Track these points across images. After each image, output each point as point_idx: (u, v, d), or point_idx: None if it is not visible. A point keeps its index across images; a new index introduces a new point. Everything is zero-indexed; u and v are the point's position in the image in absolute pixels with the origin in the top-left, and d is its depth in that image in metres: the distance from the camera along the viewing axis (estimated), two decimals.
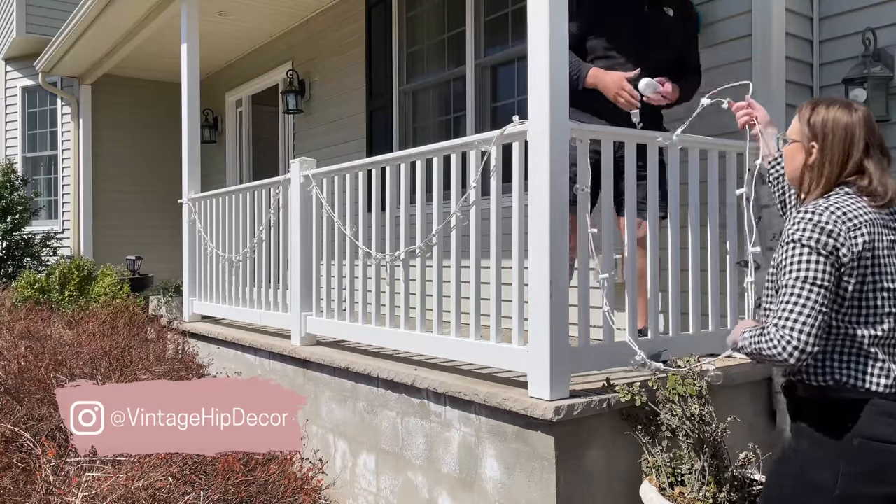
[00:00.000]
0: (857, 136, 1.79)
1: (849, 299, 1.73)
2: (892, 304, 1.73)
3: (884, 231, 1.75)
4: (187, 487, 2.75)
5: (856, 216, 1.73)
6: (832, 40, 3.58)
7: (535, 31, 2.61)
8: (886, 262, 1.73)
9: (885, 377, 1.70)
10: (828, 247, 1.70)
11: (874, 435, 1.67)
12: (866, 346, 1.72)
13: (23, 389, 3.85)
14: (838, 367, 1.73)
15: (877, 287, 1.72)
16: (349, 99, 6.78)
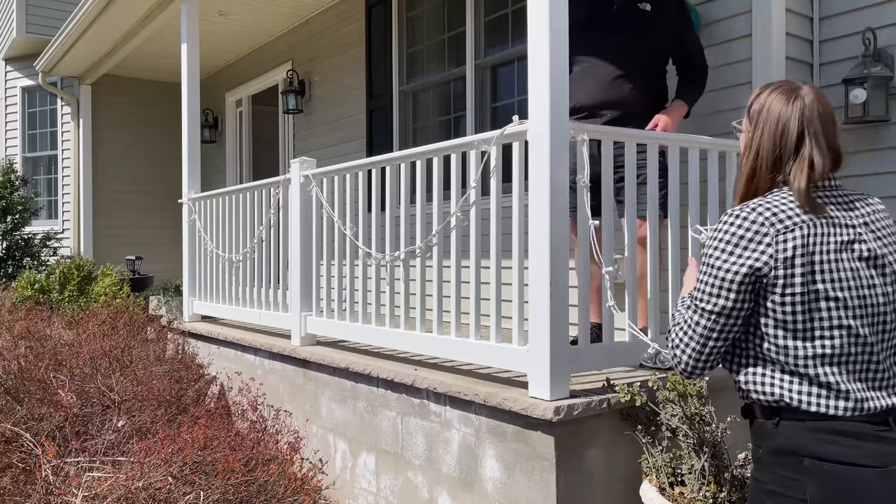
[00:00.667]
0: (792, 126, 1.59)
1: (785, 312, 1.52)
2: (843, 314, 1.50)
3: (832, 231, 1.53)
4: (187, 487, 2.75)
5: (788, 216, 1.53)
6: (832, 40, 3.58)
7: (535, 30, 2.61)
8: (833, 268, 1.51)
9: (824, 398, 1.52)
10: (744, 251, 1.54)
11: (821, 454, 1.50)
12: (808, 365, 1.52)
13: (23, 389, 3.85)
14: (778, 386, 1.55)
15: (820, 297, 1.50)
16: (349, 99, 6.78)
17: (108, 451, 3.22)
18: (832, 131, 1.62)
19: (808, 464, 1.50)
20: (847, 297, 1.50)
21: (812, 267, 1.50)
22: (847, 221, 1.55)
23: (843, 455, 1.49)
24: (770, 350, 1.56)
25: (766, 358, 1.57)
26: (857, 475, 1.47)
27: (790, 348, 1.53)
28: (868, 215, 1.59)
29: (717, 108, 3.57)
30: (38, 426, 3.45)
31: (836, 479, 1.48)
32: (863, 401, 1.51)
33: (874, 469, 1.47)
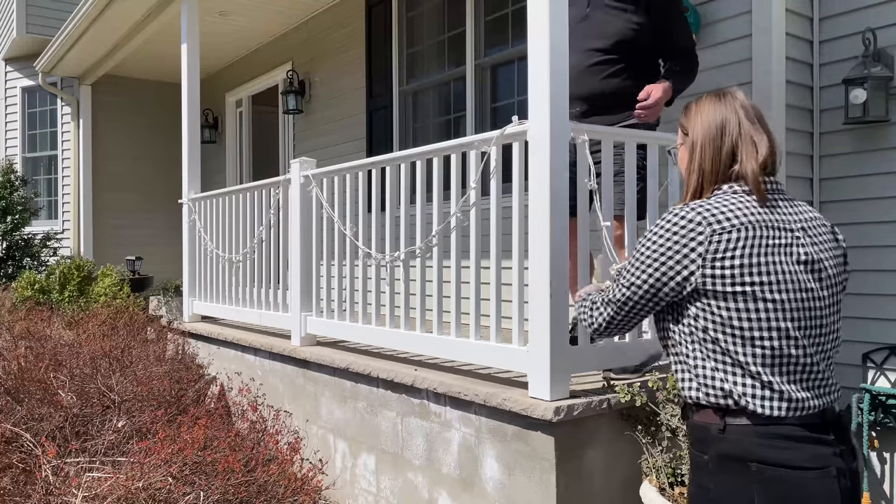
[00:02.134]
0: (732, 120, 1.63)
1: (725, 309, 1.55)
2: (777, 317, 1.52)
3: (772, 233, 1.55)
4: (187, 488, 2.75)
5: (726, 217, 1.55)
6: (832, 40, 3.58)
7: (536, 30, 2.61)
8: (771, 270, 1.52)
9: (768, 399, 1.53)
10: (672, 250, 1.58)
11: (767, 459, 1.52)
12: (749, 365, 1.54)
13: (23, 390, 3.85)
14: (720, 389, 1.57)
15: (756, 297, 1.52)
16: (349, 99, 6.78)
17: (108, 452, 3.22)
18: (767, 126, 1.66)
19: (754, 468, 1.51)
20: (784, 300, 1.53)
21: (749, 269, 1.52)
22: (787, 225, 1.57)
23: (785, 458, 1.51)
24: (715, 349, 1.58)
25: (712, 357, 1.58)
26: (800, 478, 1.49)
27: (730, 349, 1.55)
28: (806, 221, 1.61)
29: None
30: (38, 426, 3.45)
31: (781, 483, 1.50)
32: (800, 401, 1.53)
33: (814, 471, 1.50)
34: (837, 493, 1.50)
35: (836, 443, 1.55)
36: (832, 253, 1.61)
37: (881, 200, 3.41)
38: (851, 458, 1.57)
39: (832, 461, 1.52)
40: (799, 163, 3.58)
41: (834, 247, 1.64)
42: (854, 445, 1.61)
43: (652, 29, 3.11)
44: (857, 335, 3.49)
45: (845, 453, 1.55)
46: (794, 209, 1.62)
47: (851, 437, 1.62)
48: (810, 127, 3.63)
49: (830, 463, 1.51)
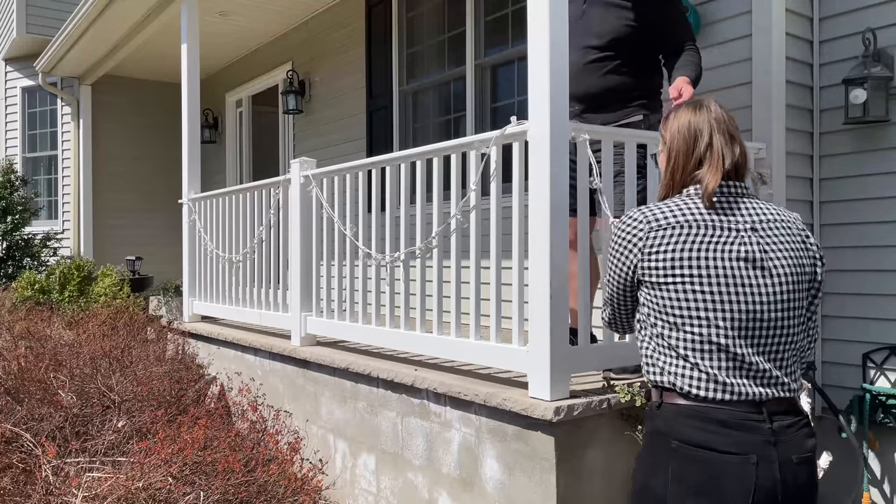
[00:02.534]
0: (701, 135, 1.74)
1: (659, 297, 1.69)
2: (704, 307, 1.63)
3: (711, 232, 1.66)
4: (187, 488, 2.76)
5: (664, 216, 1.69)
6: (832, 40, 3.58)
7: (535, 30, 2.61)
8: (703, 265, 1.64)
9: (696, 380, 1.63)
10: (623, 245, 1.75)
11: (689, 438, 1.61)
12: (678, 347, 1.66)
13: (23, 390, 3.85)
14: (658, 364, 1.71)
15: (688, 287, 1.64)
16: (349, 99, 6.78)
17: (109, 452, 3.22)
18: (738, 137, 1.78)
19: (675, 445, 1.63)
20: (714, 292, 1.63)
21: (681, 262, 1.66)
22: (733, 225, 1.68)
23: (704, 440, 1.60)
24: (653, 334, 1.72)
25: (654, 340, 1.73)
26: (718, 460, 1.58)
27: (664, 333, 1.69)
28: (761, 222, 1.70)
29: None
30: (38, 426, 3.45)
31: (694, 463, 1.60)
32: (730, 386, 1.62)
33: (734, 456, 1.57)
34: (752, 482, 1.55)
35: (774, 433, 1.59)
36: (790, 254, 1.68)
37: (881, 200, 3.41)
38: (794, 450, 1.61)
39: (757, 449, 1.57)
40: (799, 163, 3.58)
41: (798, 248, 1.70)
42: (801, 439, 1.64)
43: (648, 25, 3.11)
44: (857, 335, 3.49)
45: (783, 444, 1.60)
46: (751, 210, 1.71)
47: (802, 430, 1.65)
48: (810, 127, 3.64)
49: (753, 451, 1.57)
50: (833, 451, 3.02)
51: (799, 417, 1.66)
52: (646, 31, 3.10)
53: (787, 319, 1.66)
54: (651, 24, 3.11)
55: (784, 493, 1.58)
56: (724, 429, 1.59)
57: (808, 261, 1.71)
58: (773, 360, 1.64)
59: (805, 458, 1.63)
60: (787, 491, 1.59)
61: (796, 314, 1.67)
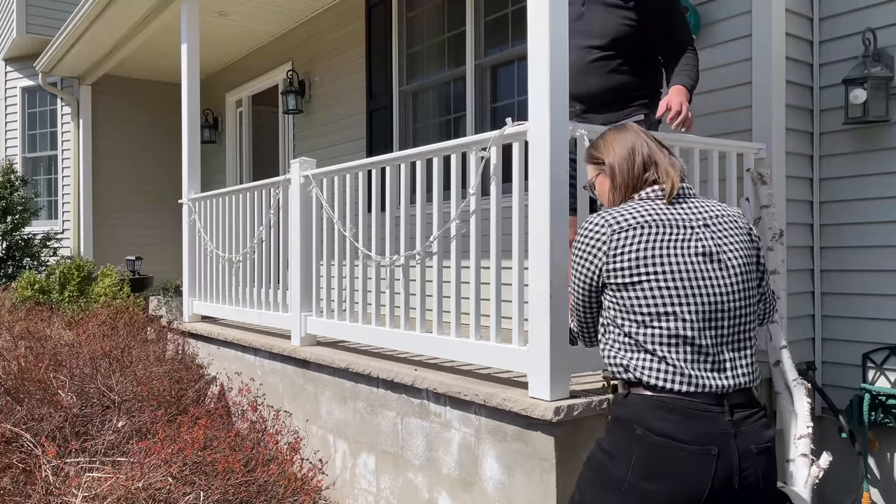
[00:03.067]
0: (640, 145, 1.89)
1: (626, 298, 1.76)
2: (671, 302, 1.71)
3: (668, 230, 1.76)
4: (187, 488, 2.76)
5: (625, 219, 1.79)
6: (832, 40, 3.58)
7: (536, 31, 2.61)
8: (664, 262, 1.73)
9: (664, 373, 1.71)
10: (587, 250, 1.83)
11: (652, 427, 1.69)
12: (647, 343, 1.73)
13: (23, 390, 3.85)
14: (624, 366, 1.78)
15: (654, 284, 1.72)
16: (349, 99, 6.78)
17: (108, 452, 3.22)
18: (667, 149, 1.93)
19: (639, 433, 1.70)
20: (678, 286, 1.72)
21: (644, 261, 1.74)
22: (687, 222, 1.78)
23: (668, 429, 1.67)
24: (620, 331, 1.79)
25: (618, 338, 1.80)
26: (677, 450, 1.65)
27: (631, 331, 1.76)
28: (711, 218, 1.81)
29: (717, 109, 3.58)
30: (38, 426, 3.45)
31: (658, 450, 1.67)
32: (694, 378, 1.69)
33: (695, 447, 1.64)
34: (711, 472, 1.62)
35: (734, 424, 1.67)
36: (740, 246, 1.79)
37: (881, 200, 3.41)
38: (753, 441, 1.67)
39: (718, 441, 1.64)
40: (799, 163, 3.58)
41: (745, 240, 1.82)
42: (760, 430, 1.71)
43: (648, 25, 3.11)
44: (857, 335, 3.49)
45: (742, 435, 1.67)
46: (700, 208, 1.82)
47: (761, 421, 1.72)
48: (810, 127, 3.64)
49: (714, 442, 1.64)
50: (833, 451, 3.02)
51: (757, 409, 1.74)
52: (646, 30, 3.11)
53: (744, 308, 1.76)
54: (651, 24, 3.11)
55: (741, 483, 1.65)
56: (687, 420, 1.67)
57: (754, 251, 1.83)
58: (734, 350, 1.74)
59: (764, 449, 1.70)
60: (743, 481, 1.65)
61: (751, 302, 1.78)
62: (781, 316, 3.23)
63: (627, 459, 1.70)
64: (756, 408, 1.74)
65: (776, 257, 3.23)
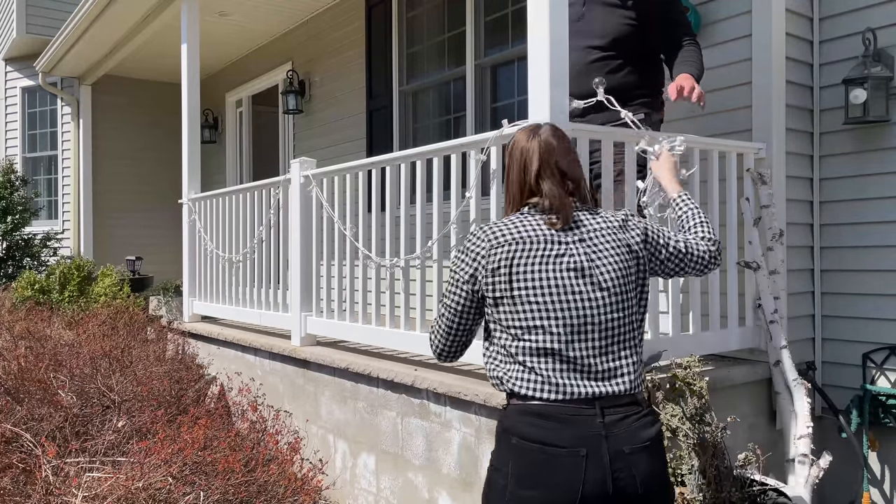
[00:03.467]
0: (531, 159, 1.88)
1: (500, 312, 1.80)
2: (540, 317, 1.75)
3: (541, 246, 1.78)
4: (187, 488, 2.75)
5: (503, 234, 1.82)
6: (832, 40, 3.58)
7: (536, 30, 2.61)
8: (534, 277, 1.76)
9: (533, 382, 1.74)
10: (468, 263, 1.86)
11: (523, 434, 1.73)
12: (518, 355, 1.77)
13: (23, 390, 3.85)
14: (500, 372, 1.81)
15: (525, 300, 1.76)
16: (349, 99, 6.78)
17: (108, 452, 3.22)
18: (569, 165, 1.90)
19: (514, 441, 1.74)
20: (546, 301, 1.75)
21: (516, 276, 1.77)
22: (561, 239, 1.80)
23: (538, 435, 1.71)
24: (498, 345, 1.82)
25: (497, 351, 1.83)
26: (550, 454, 1.69)
27: (505, 344, 1.80)
28: (589, 232, 1.82)
29: (717, 109, 3.57)
30: (38, 426, 3.45)
31: (530, 456, 1.71)
32: (562, 386, 1.73)
33: (564, 449, 1.68)
34: (581, 474, 1.65)
35: (605, 426, 1.69)
36: (615, 260, 1.80)
37: (881, 200, 3.41)
38: (626, 442, 1.69)
39: (587, 443, 1.68)
40: (799, 163, 3.58)
41: (622, 253, 1.82)
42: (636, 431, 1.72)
43: (649, 24, 3.11)
44: (857, 335, 3.49)
45: (614, 437, 1.69)
46: (581, 222, 1.83)
47: (639, 422, 1.74)
48: (810, 127, 3.63)
49: (583, 444, 1.67)
50: (833, 451, 3.02)
51: (636, 410, 1.75)
52: (646, 29, 3.11)
53: (618, 319, 1.78)
54: (652, 23, 3.11)
55: (615, 485, 1.66)
56: (556, 424, 1.70)
57: (633, 262, 1.83)
58: (608, 360, 1.76)
59: (639, 448, 1.71)
60: (617, 482, 1.67)
61: (628, 313, 1.80)
62: (781, 316, 3.23)
63: (507, 469, 1.74)
64: (636, 408, 1.75)
65: (776, 257, 3.23)
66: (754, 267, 3.23)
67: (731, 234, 3.27)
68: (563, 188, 1.85)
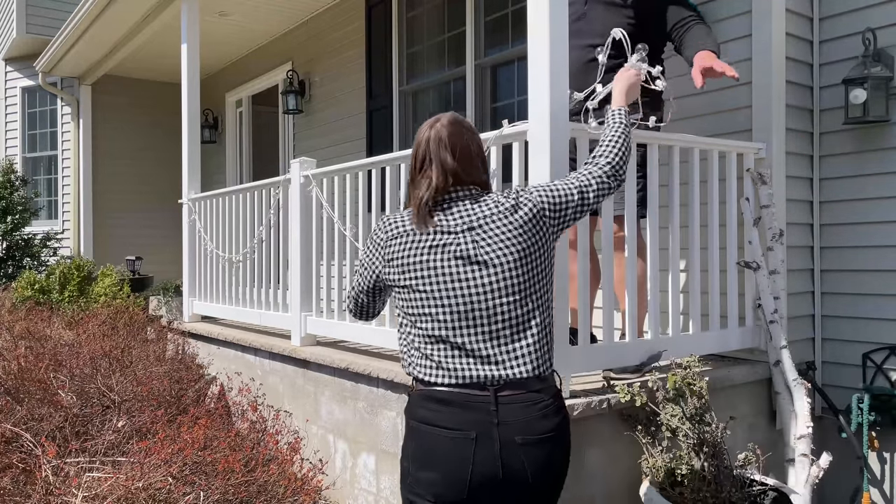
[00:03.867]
0: (418, 153, 1.93)
1: (399, 301, 1.90)
2: (429, 304, 1.81)
3: (429, 238, 1.83)
4: (187, 488, 2.75)
5: (397, 226, 1.90)
6: (832, 40, 3.58)
7: (536, 31, 2.60)
8: (422, 268, 1.82)
9: (428, 368, 1.82)
10: (371, 251, 1.97)
11: (419, 417, 1.82)
12: (415, 342, 1.86)
13: (23, 390, 3.85)
14: (406, 357, 1.92)
15: (415, 289, 1.83)
16: (349, 99, 6.78)
17: (108, 452, 3.22)
18: (458, 154, 1.90)
19: (413, 425, 1.84)
20: (434, 290, 1.81)
21: (407, 266, 1.85)
22: (449, 229, 1.84)
23: (431, 418, 1.78)
24: (404, 332, 1.91)
25: (404, 337, 1.92)
26: (438, 436, 1.76)
27: (407, 330, 1.89)
28: (476, 220, 1.84)
29: (717, 109, 3.57)
30: (38, 426, 3.45)
31: (424, 437, 1.79)
32: (454, 371, 1.78)
33: (455, 431, 1.74)
34: (470, 454, 1.71)
35: (498, 413, 1.73)
36: (507, 244, 1.81)
37: (881, 200, 3.41)
38: (519, 432, 1.72)
39: (478, 427, 1.72)
40: (799, 163, 3.58)
41: (516, 236, 1.82)
42: (532, 422, 1.75)
43: (646, 21, 3.11)
44: (857, 335, 3.49)
45: (506, 425, 1.72)
46: (469, 211, 1.85)
47: (538, 413, 1.76)
48: (810, 127, 3.63)
49: (473, 428, 1.72)
50: (833, 451, 3.02)
51: (537, 398, 1.77)
52: (645, 27, 3.11)
53: (510, 304, 1.79)
54: (649, 19, 3.12)
55: (507, 473, 1.70)
56: (448, 407, 1.76)
57: (527, 241, 1.83)
58: (500, 344, 1.79)
59: (533, 441, 1.73)
60: (507, 469, 1.70)
61: (522, 296, 1.81)
62: (781, 316, 3.23)
63: (407, 453, 1.84)
64: (536, 398, 1.77)
65: (776, 257, 3.23)
66: (754, 267, 3.23)
67: (731, 234, 3.27)
68: (445, 178, 1.86)
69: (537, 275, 1.84)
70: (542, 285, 1.85)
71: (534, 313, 1.81)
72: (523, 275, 1.80)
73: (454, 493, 1.72)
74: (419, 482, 1.78)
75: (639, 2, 3.12)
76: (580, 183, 1.97)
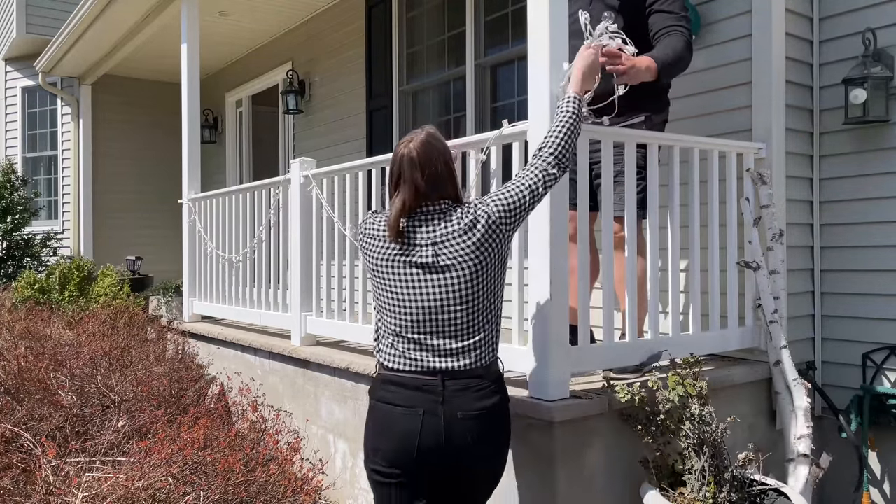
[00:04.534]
0: (395, 169, 2.16)
1: (371, 284, 2.21)
2: (392, 303, 2.13)
3: (396, 246, 2.11)
4: (187, 488, 2.75)
5: (372, 228, 2.19)
6: (832, 40, 3.58)
7: (536, 31, 2.61)
8: (387, 272, 2.13)
9: (391, 356, 2.14)
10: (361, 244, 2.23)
11: (378, 397, 2.15)
12: (385, 333, 2.17)
13: (23, 390, 3.85)
14: (377, 344, 2.22)
15: (379, 286, 2.16)
16: (349, 99, 6.78)
17: (109, 452, 3.22)
18: (426, 175, 2.12)
19: (372, 403, 2.18)
20: (394, 291, 2.12)
21: (377, 266, 2.16)
22: (416, 242, 2.10)
23: (389, 398, 2.12)
24: (378, 319, 2.21)
25: (376, 324, 2.23)
26: (391, 412, 2.10)
27: (378, 319, 2.21)
28: (439, 236, 2.09)
29: (717, 109, 3.58)
30: (38, 426, 3.44)
31: (379, 414, 2.14)
32: (415, 360, 2.10)
33: (406, 409, 2.08)
34: (418, 427, 2.05)
35: (444, 394, 2.06)
36: (462, 259, 2.07)
37: (881, 200, 3.41)
38: (460, 408, 2.05)
39: (426, 405, 2.06)
40: (799, 163, 3.58)
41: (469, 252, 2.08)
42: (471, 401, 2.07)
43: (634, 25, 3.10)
44: (857, 335, 3.49)
45: (449, 403, 2.05)
46: (436, 227, 2.10)
47: (477, 394, 2.08)
48: (810, 127, 3.64)
49: (422, 406, 2.06)
50: (833, 451, 3.02)
51: (478, 384, 2.09)
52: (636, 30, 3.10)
53: (464, 310, 2.09)
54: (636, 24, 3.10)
55: (449, 441, 2.04)
56: (403, 389, 2.09)
57: (481, 257, 2.09)
58: (454, 342, 2.09)
59: (472, 416, 2.06)
60: (450, 439, 2.04)
61: (475, 303, 2.10)
62: (781, 316, 3.23)
63: (368, 432, 2.17)
64: (478, 383, 2.09)
65: (776, 257, 3.23)
66: (754, 267, 3.23)
67: (731, 234, 3.27)
68: (414, 200, 2.10)
69: (489, 284, 2.12)
70: (493, 291, 2.13)
71: (483, 316, 2.12)
72: (476, 286, 2.09)
73: (405, 458, 2.06)
74: (377, 452, 2.12)
75: (627, 8, 3.10)
76: (530, 183, 2.17)
